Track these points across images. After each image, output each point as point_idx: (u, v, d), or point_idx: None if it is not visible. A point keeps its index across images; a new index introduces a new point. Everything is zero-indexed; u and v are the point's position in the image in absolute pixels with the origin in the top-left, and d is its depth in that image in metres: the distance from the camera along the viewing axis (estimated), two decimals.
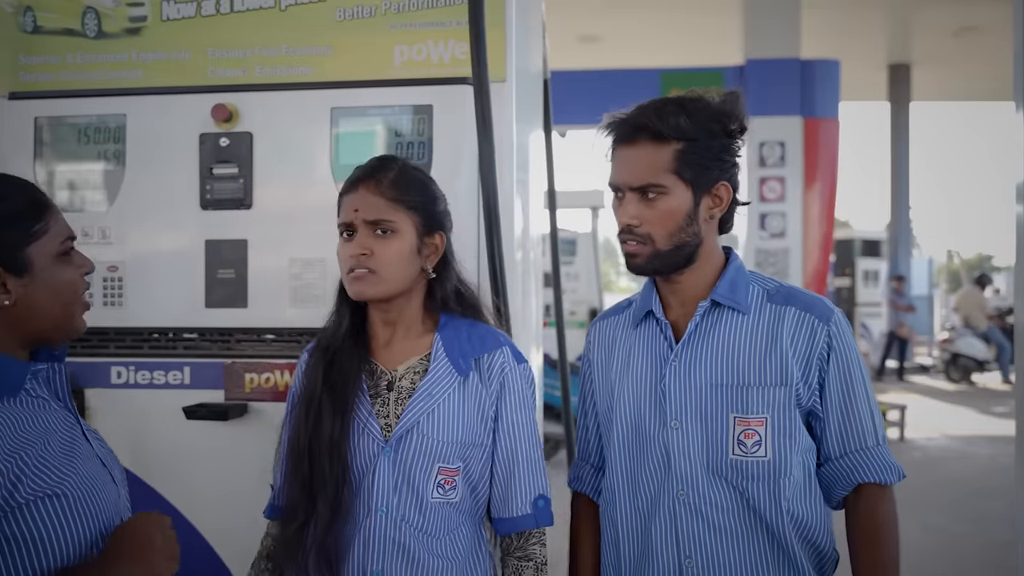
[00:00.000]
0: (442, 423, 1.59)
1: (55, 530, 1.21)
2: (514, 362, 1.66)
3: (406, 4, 2.04)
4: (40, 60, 2.18)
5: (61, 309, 1.31)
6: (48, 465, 1.23)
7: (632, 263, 1.61)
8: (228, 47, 2.10)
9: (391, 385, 1.63)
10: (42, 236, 1.28)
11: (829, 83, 8.72)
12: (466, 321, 1.68)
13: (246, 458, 1.95)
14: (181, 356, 2.08)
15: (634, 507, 1.66)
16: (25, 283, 1.27)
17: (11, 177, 1.34)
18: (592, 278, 10.62)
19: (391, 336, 1.66)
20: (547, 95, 2.90)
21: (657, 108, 1.56)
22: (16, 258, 1.26)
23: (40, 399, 1.30)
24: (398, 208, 1.59)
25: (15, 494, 1.18)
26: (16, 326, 1.28)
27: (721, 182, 1.60)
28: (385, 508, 1.57)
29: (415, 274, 1.63)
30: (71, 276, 1.33)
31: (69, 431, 1.31)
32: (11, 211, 1.27)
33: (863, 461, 1.58)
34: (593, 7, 10.18)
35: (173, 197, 2.08)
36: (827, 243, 8.89)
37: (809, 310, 1.59)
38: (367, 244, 1.58)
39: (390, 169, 1.63)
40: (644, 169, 1.56)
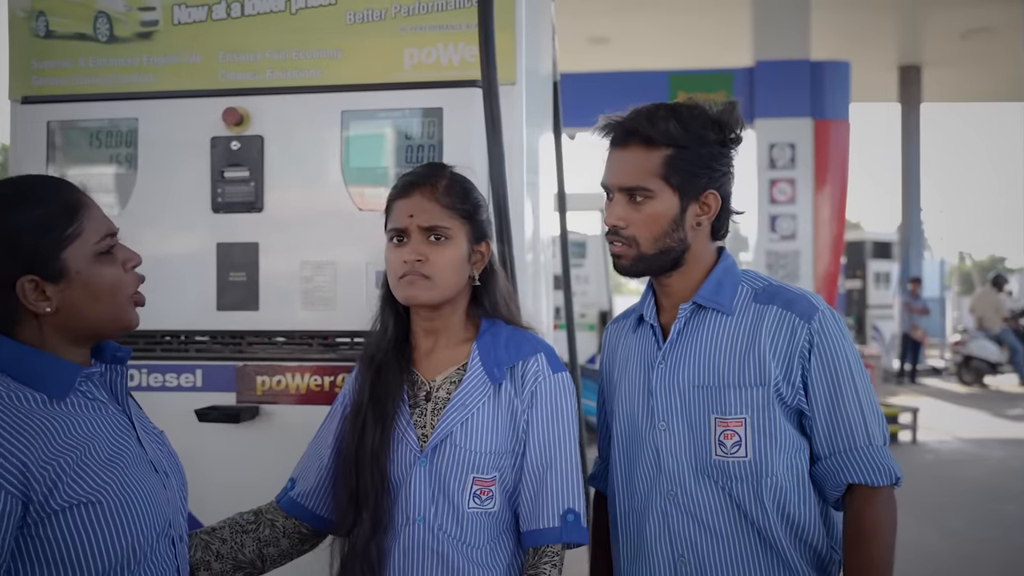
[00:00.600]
0: (476, 433, 1.59)
1: (87, 539, 1.20)
2: (548, 371, 1.63)
3: (416, 7, 2.05)
4: (52, 64, 2.19)
5: (106, 308, 1.29)
6: (87, 471, 1.21)
7: (617, 264, 1.64)
8: (239, 51, 2.11)
9: (429, 395, 1.64)
10: (76, 239, 1.26)
11: (839, 84, 8.70)
12: (508, 328, 1.67)
13: (258, 461, 1.95)
14: (193, 359, 2.09)
15: (630, 506, 1.69)
16: (63, 288, 1.25)
17: (42, 178, 1.32)
18: (602, 281, 10.61)
19: (432, 345, 1.67)
20: (556, 97, 2.89)
21: (650, 113, 1.59)
22: (51, 265, 1.24)
23: (97, 402, 1.30)
24: (453, 215, 1.60)
25: (50, 500, 1.17)
26: (63, 329, 1.27)
27: (710, 190, 1.60)
28: (422, 517, 1.58)
29: (464, 281, 1.64)
30: (113, 274, 1.30)
31: (119, 436, 1.30)
32: (42, 217, 1.24)
33: (851, 461, 1.56)
34: (602, 9, 10.18)
35: (184, 200, 2.09)
36: (838, 245, 8.86)
37: (790, 308, 1.58)
38: (422, 250, 1.58)
39: (443, 176, 1.64)
40: (633, 172, 1.59)
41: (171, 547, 1.35)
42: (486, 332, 1.65)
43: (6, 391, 1.20)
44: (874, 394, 1.61)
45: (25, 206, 1.24)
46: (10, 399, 1.19)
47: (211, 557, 1.58)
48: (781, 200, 8.56)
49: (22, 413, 1.19)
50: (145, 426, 1.40)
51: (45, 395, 1.23)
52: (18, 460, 1.15)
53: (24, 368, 1.23)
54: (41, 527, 1.18)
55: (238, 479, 2.02)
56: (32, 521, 1.17)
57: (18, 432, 1.17)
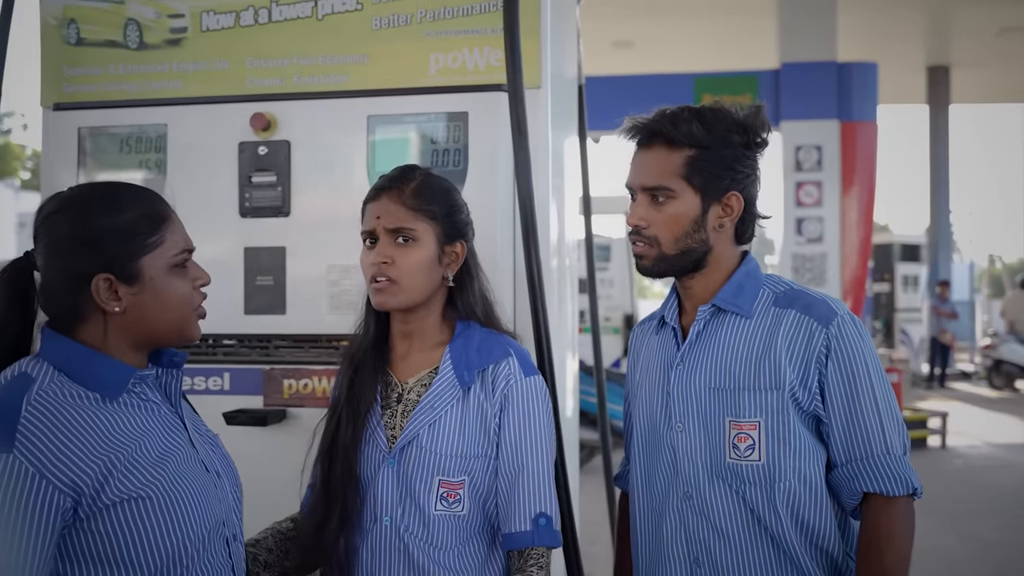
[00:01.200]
0: (443, 436, 1.60)
1: (138, 534, 1.24)
2: (520, 374, 1.64)
3: (441, 12, 2.05)
4: (83, 72, 2.22)
5: (169, 318, 1.34)
6: (138, 467, 1.25)
7: (639, 264, 1.65)
8: (266, 57, 2.13)
9: (400, 397, 1.66)
10: (156, 248, 1.32)
11: (867, 86, 8.63)
12: (482, 331, 1.68)
13: (285, 463, 1.96)
14: (221, 362, 2.10)
15: (649, 506, 1.69)
16: (135, 292, 1.30)
17: (135, 188, 1.38)
18: (626, 284, 10.59)
19: (408, 349, 1.70)
20: (582, 101, 2.90)
21: (673, 115, 1.60)
22: (128, 268, 1.29)
23: (150, 403, 1.34)
24: (419, 217, 1.62)
25: (101, 495, 1.21)
26: (126, 331, 1.32)
27: (732, 192, 1.61)
28: (389, 518, 1.60)
29: (436, 283, 1.66)
30: (183, 288, 1.35)
31: (170, 435, 1.33)
32: (128, 222, 1.30)
33: (867, 470, 1.53)
34: (627, 12, 10.17)
35: (213, 205, 2.10)
36: (865, 248, 8.78)
37: (808, 312, 1.57)
38: (388, 252, 1.61)
39: (412, 179, 1.65)
40: (655, 172, 1.60)
41: (225, 546, 1.39)
42: (460, 335, 1.67)
43: (60, 389, 1.25)
44: (895, 402, 1.59)
45: (114, 210, 1.31)
46: (65, 397, 1.24)
47: (259, 568, 1.61)
48: (807, 203, 8.50)
49: (75, 411, 1.23)
50: (198, 428, 1.44)
51: (99, 394, 1.27)
52: (68, 456, 1.19)
53: (80, 368, 1.28)
54: (93, 522, 1.21)
55: (265, 482, 2.03)
56: (84, 516, 1.21)
57: (70, 429, 1.21)
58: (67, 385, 1.26)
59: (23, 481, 1.16)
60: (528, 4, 1.98)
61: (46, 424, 1.20)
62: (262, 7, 2.12)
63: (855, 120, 8.51)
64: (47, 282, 1.31)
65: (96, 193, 1.35)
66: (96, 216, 1.30)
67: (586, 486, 3.43)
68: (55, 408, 1.22)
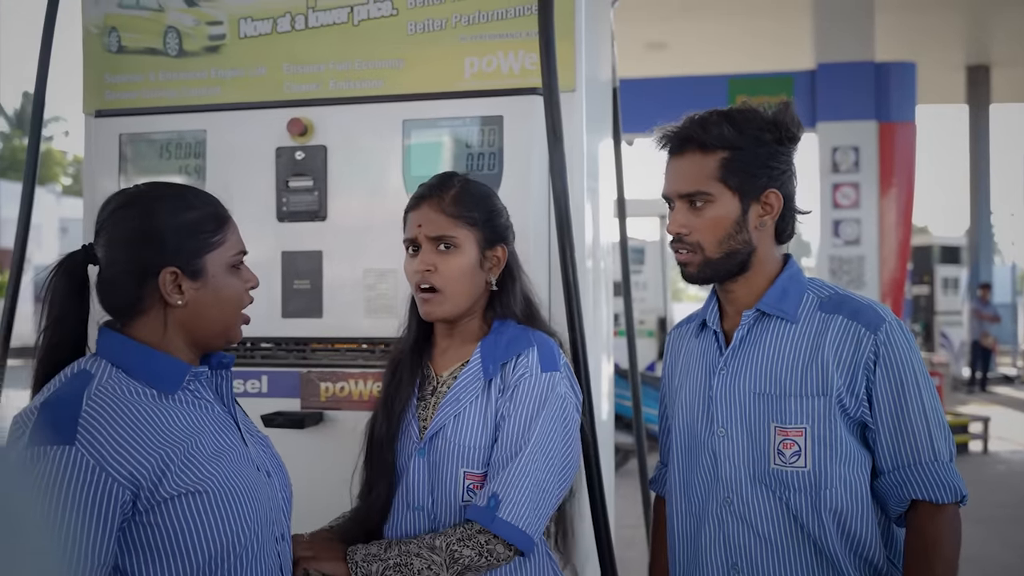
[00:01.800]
0: (466, 428, 1.62)
1: (193, 527, 1.27)
2: (536, 368, 1.61)
3: (476, 16, 2.06)
4: (124, 79, 2.26)
5: (225, 316, 1.39)
6: (194, 462, 1.28)
7: (685, 272, 1.64)
8: (303, 62, 2.15)
9: (434, 390, 1.70)
10: (219, 247, 1.37)
11: (905, 86, 8.52)
12: (517, 327, 1.69)
13: (322, 466, 1.98)
14: (259, 365, 2.13)
15: (687, 511, 1.68)
16: (197, 287, 1.35)
17: (199, 191, 1.44)
18: (661, 287, 10.54)
19: (448, 344, 1.73)
20: (616, 103, 2.89)
21: (702, 119, 1.60)
22: (194, 264, 1.34)
23: (204, 401, 1.37)
24: (459, 224, 1.64)
25: (160, 488, 1.24)
26: (183, 327, 1.36)
27: (770, 189, 1.59)
28: (421, 506, 1.63)
29: (480, 288, 1.68)
30: (238, 288, 1.40)
31: (224, 433, 1.37)
32: (196, 220, 1.36)
33: (915, 477, 1.51)
34: (661, 14, 10.13)
35: (251, 210, 2.12)
36: (904, 250, 8.66)
37: (856, 318, 1.55)
38: (431, 260, 1.63)
39: (451, 186, 1.67)
40: (690, 178, 1.59)
41: (275, 545, 1.41)
42: (494, 331, 1.68)
43: (118, 385, 1.28)
44: (941, 409, 1.57)
45: (182, 208, 1.36)
46: (123, 392, 1.28)
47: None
48: (845, 204, 8.40)
49: (133, 406, 1.27)
50: (249, 428, 1.48)
51: (155, 390, 1.31)
52: (127, 450, 1.23)
53: (138, 364, 1.32)
54: (151, 515, 1.25)
55: (303, 483, 2.04)
56: (143, 509, 1.24)
57: (128, 423, 1.25)
58: (125, 381, 1.29)
59: (84, 473, 1.20)
60: (562, 7, 1.98)
61: (106, 418, 1.23)
62: (299, 13, 2.15)
63: (893, 121, 8.40)
64: (110, 274, 1.34)
65: (163, 191, 1.40)
66: (165, 212, 1.34)
67: (621, 489, 3.42)
68: (114, 403, 1.25)
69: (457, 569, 1.52)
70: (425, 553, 1.51)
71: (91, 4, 2.28)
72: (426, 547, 1.52)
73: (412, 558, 1.51)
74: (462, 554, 1.52)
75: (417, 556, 1.51)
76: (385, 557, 1.51)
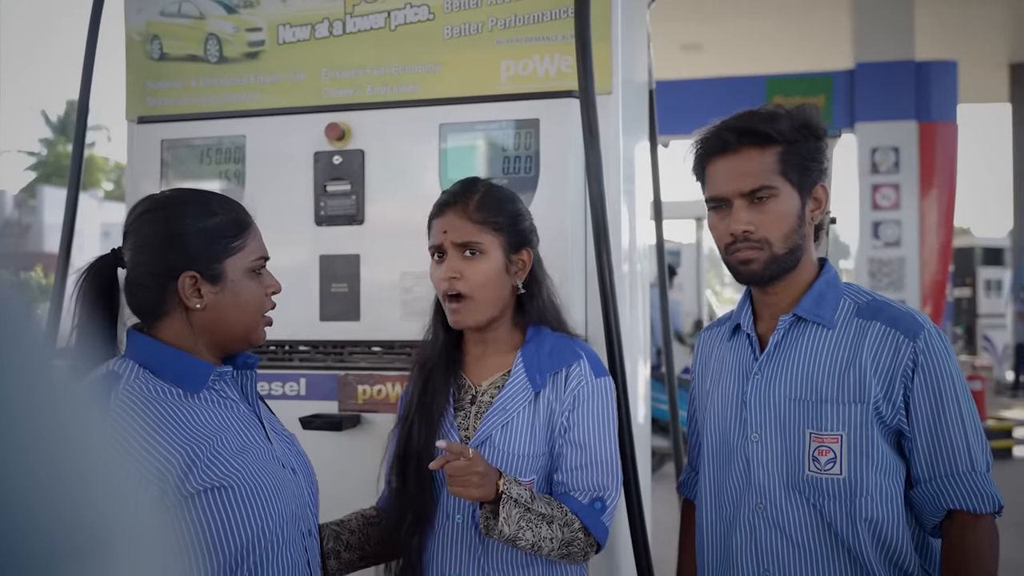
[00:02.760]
0: (514, 437, 1.63)
1: (218, 521, 1.31)
2: (591, 375, 1.67)
3: (512, 20, 2.06)
4: (166, 86, 2.29)
5: (244, 319, 1.42)
6: (219, 459, 1.33)
7: (746, 270, 1.58)
8: (341, 68, 2.17)
9: (474, 399, 1.70)
10: (238, 252, 1.41)
11: (946, 85, 8.38)
12: (554, 335, 1.70)
13: (360, 468, 1.99)
14: (297, 368, 2.15)
15: (718, 516, 1.67)
16: (217, 291, 1.39)
17: (224, 197, 1.48)
18: (697, 290, 10.47)
19: (482, 352, 1.73)
20: (652, 106, 2.88)
21: (757, 114, 1.58)
22: (213, 268, 1.39)
23: (229, 400, 1.42)
24: (484, 229, 1.65)
25: (186, 484, 1.29)
26: (205, 329, 1.40)
27: (820, 183, 1.60)
28: (462, 515, 1.64)
29: (507, 292, 1.68)
30: (257, 292, 1.44)
31: (248, 431, 1.41)
32: (216, 226, 1.40)
33: (953, 487, 1.49)
34: (696, 15, 10.06)
35: (289, 214, 2.15)
36: (946, 252, 8.52)
37: (894, 325, 1.52)
38: (456, 267, 1.64)
39: (475, 192, 1.68)
40: (753, 173, 1.55)
41: (301, 540, 1.45)
42: (532, 340, 1.69)
43: (145, 385, 1.34)
44: (978, 418, 1.55)
45: (204, 213, 1.41)
46: (149, 392, 1.33)
47: (341, 547, 1.67)
48: (884, 206, 8.29)
49: (159, 404, 1.32)
50: (275, 427, 1.51)
51: (181, 389, 1.36)
52: (153, 446, 1.28)
53: (163, 365, 1.37)
54: (178, 509, 1.28)
55: (340, 485, 2.05)
56: (170, 504, 1.28)
57: (154, 421, 1.30)
58: (151, 381, 1.35)
59: None
60: (599, 9, 1.98)
61: (132, 417, 1.29)
62: (336, 19, 2.17)
63: (934, 120, 8.27)
64: (135, 276, 1.40)
65: (188, 196, 1.45)
66: (187, 217, 1.39)
67: (657, 492, 3.40)
68: (140, 402, 1.31)
69: (563, 552, 1.56)
70: (556, 527, 1.54)
71: (134, 13, 2.31)
72: (560, 523, 1.55)
73: (543, 524, 1.53)
74: (574, 545, 1.57)
75: (549, 524, 1.53)
76: (531, 503, 1.53)
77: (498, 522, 1.49)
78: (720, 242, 1.61)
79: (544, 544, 1.53)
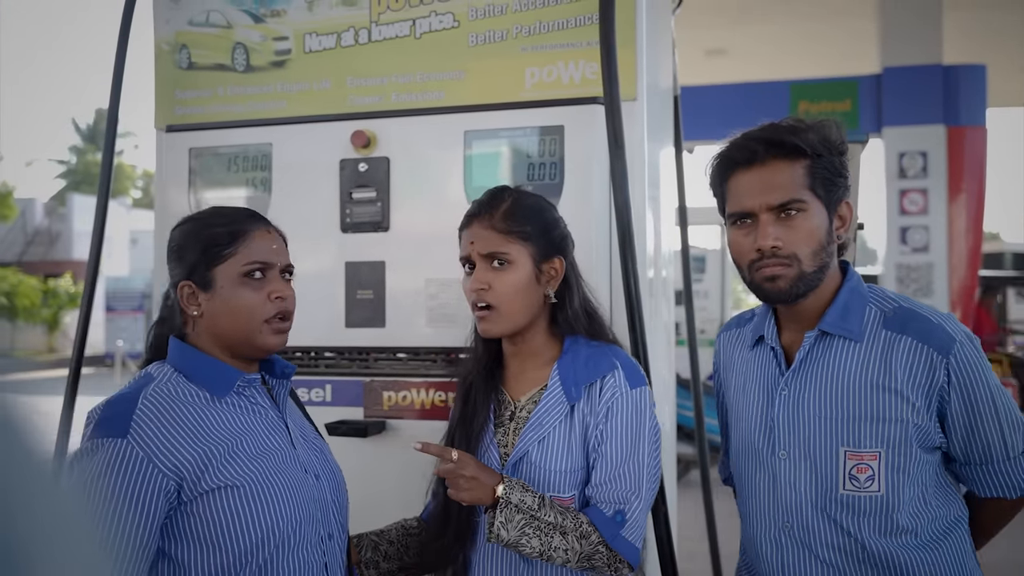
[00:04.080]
0: (551, 453, 1.61)
1: (229, 519, 1.37)
2: (626, 386, 1.62)
3: (536, 27, 2.07)
4: (194, 95, 2.32)
5: (238, 325, 1.46)
6: (235, 460, 1.40)
7: (773, 287, 1.51)
8: (366, 76, 2.18)
9: (513, 415, 1.68)
10: (228, 259, 1.46)
11: (974, 89, 8.29)
12: (589, 345, 1.67)
13: (385, 474, 2.00)
14: (323, 374, 2.16)
15: (744, 533, 1.67)
16: (209, 298, 1.46)
17: (233, 209, 1.56)
18: (721, 296, 10.42)
19: (520, 367, 1.71)
20: (677, 111, 2.88)
21: (784, 126, 1.52)
22: (204, 277, 1.46)
23: (259, 406, 1.49)
24: (511, 240, 1.63)
25: (201, 481, 1.36)
26: (208, 333, 1.48)
27: (845, 200, 1.55)
28: None
29: (538, 302, 1.66)
30: (250, 298, 1.47)
31: (271, 436, 1.47)
32: (209, 236, 1.47)
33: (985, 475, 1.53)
34: (721, 21, 10.03)
35: (315, 221, 2.16)
36: (975, 257, 8.42)
37: (926, 340, 1.47)
38: (485, 278, 1.63)
39: (502, 201, 1.66)
40: (783, 186, 1.49)
41: (319, 544, 1.48)
42: (568, 351, 1.66)
43: (176, 387, 1.43)
44: (1013, 405, 1.53)
45: (204, 226, 1.49)
46: (176, 394, 1.42)
47: (379, 557, 1.69)
48: (912, 211, 8.21)
49: (184, 406, 1.40)
50: (305, 435, 1.56)
51: (208, 393, 1.44)
52: (173, 444, 1.36)
53: (194, 369, 1.46)
54: (193, 505, 1.37)
55: (366, 491, 2.06)
56: (187, 499, 1.36)
57: (176, 422, 1.38)
58: (182, 384, 1.44)
59: (134, 464, 1.33)
60: (624, 15, 1.97)
61: (157, 416, 1.37)
62: (362, 27, 2.18)
63: (963, 125, 8.19)
64: (166, 289, 1.54)
65: (202, 213, 1.55)
66: (188, 232, 1.50)
67: (683, 500, 3.38)
68: (166, 403, 1.39)
69: (584, 565, 1.54)
70: (572, 538, 1.52)
71: (163, 23, 2.34)
72: (575, 534, 1.52)
73: (555, 534, 1.51)
74: (596, 559, 1.54)
75: (564, 535, 1.52)
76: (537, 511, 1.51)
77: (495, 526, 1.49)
78: (743, 259, 1.54)
79: (557, 554, 1.51)
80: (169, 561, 1.37)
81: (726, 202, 1.57)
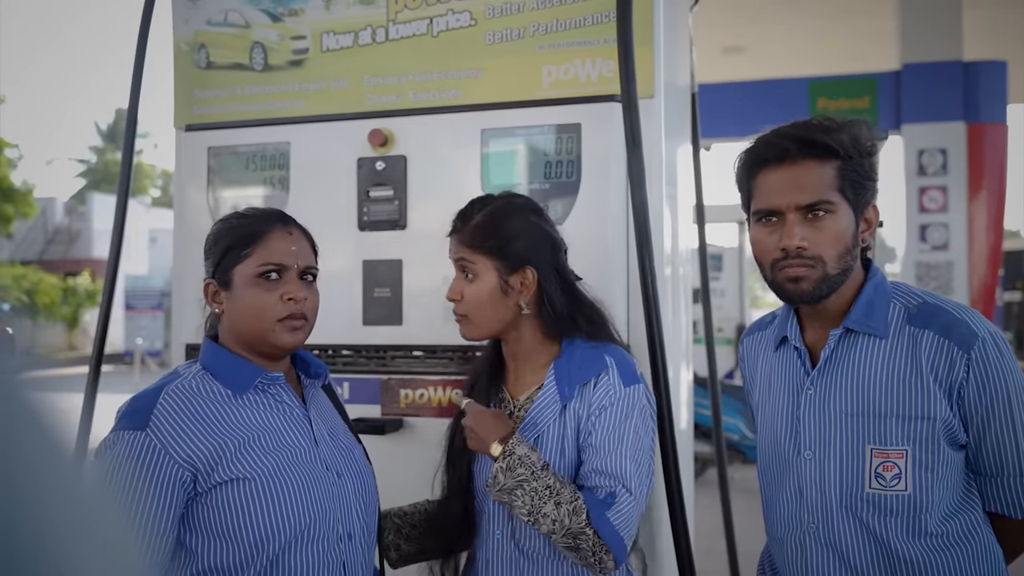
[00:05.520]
0: (546, 451, 1.63)
1: (239, 511, 1.41)
2: (620, 384, 1.62)
3: (553, 25, 2.07)
4: (212, 94, 2.33)
5: (249, 324, 1.51)
6: (249, 454, 1.44)
7: (795, 288, 1.49)
8: (383, 74, 2.18)
9: (512, 415, 1.71)
10: (244, 260, 1.51)
11: (995, 85, 8.21)
12: (585, 346, 1.67)
13: (403, 471, 2.00)
14: (340, 372, 2.16)
15: (770, 533, 1.66)
16: (228, 297, 1.53)
17: (257, 211, 1.61)
18: (739, 294, 10.38)
19: (518, 367, 1.74)
20: (694, 109, 2.86)
21: (816, 125, 1.50)
22: (224, 276, 1.53)
23: (284, 404, 1.53)
24: (477, 253, 1.67)
25: (213, 474, 1.41)
26: (231, 332, 1.54)
27: (872, 203, 1.53)
28: (501, 531, 1.66)
29: (509, 312, 1.68)
30: (261, 298, 1.51)
31: (292, 433, 1.51)
32: (231, 239, 1.54)
33: (996, 489, 1.49)
34: (738, 18, 9.99)
35: (333, 219, 2.17)
36: (995, 255, 8.34)
37: (948, 335, 1.45)
38: (457, 288, 1.70)
39: (472, 216, 1.70)
40: (812, 186, 1.47)
41: (337, 542, 1.49)
42: (564, 352, 1.68)
43: (199, 384, 1.49)
44: None
45: (227, 229, 1.56)
46: (197, 391, 1.47)
47: (401, 540, 1.75)
48: (932, 209, 8.14)
49: (203, 402, 1.46)
50: (334, 433, 1.59)
51: (230, 390, 1.49)
52: (187, 437, 1.41)
53: (220, 367, 1.52)
54: (207, 497, 1.42)
55: (384, 489, 2.06)
56: (201, 491, 1.42)
57: (193, 416, 1.44)
58: (206, 381, 1.50)
59: (152, 454, 1.39)
60: (641, 14, 1.97)
61: (176, 410, 1.43)
62: (379, 26, 2.18)
63: (983, 121, 8.11)
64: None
65: (233, 213, 1.62)
66: (218, 231, 1.57)
67: (700, 499, 3.37)
68: (185, 399, 1.45)
69: (568, 544, 1.52)
70: (564, 511, 1.51)
71: (181, 23, 2.36)
72: (568, 507, 1.52)
73: (548, 501, 1.52)
74: (582, 540, 1.51)
75: (557, 505, 1.52)
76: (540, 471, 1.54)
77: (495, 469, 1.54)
78: (766, 257, 1.53)
79: (544, 522, 1.51)
80: (187, 552, 1.43)
81: (752, 198, 1.56)
